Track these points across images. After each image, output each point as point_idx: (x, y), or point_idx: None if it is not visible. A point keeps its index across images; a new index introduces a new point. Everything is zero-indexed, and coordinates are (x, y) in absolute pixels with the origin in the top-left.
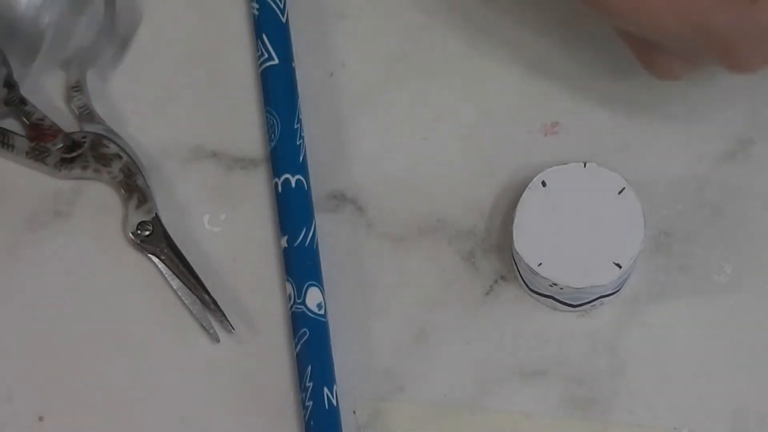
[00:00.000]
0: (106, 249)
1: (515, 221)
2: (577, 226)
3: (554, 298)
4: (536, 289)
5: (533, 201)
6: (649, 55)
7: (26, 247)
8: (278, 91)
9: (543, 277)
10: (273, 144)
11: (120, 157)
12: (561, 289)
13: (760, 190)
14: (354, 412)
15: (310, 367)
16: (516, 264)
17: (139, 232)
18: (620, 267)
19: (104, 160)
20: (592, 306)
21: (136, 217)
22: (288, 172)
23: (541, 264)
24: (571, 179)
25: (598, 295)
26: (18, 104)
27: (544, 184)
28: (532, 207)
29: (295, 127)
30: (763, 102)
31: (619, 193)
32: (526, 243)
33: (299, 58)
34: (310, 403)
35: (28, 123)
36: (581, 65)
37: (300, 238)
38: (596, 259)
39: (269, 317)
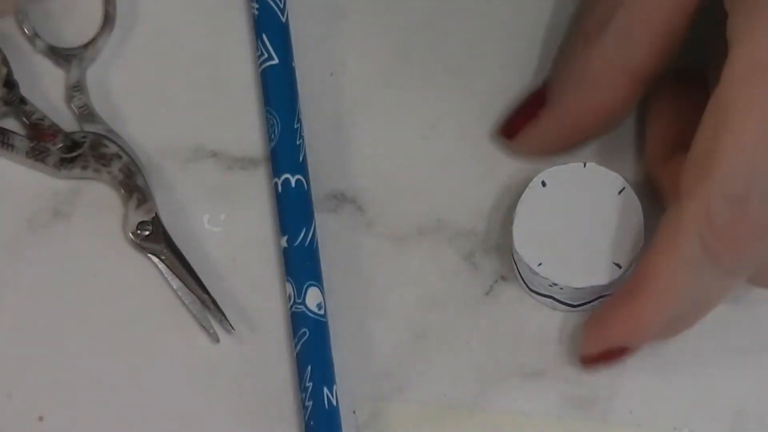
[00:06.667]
0: (106, 249)
1: (515, 221)
2: (577, 226)
3: (554, 298)
4: (536, 289)
5: (533, 201)
6: None
7: (26, 247)
8: (278, 91)
9: (543, 277)
10: (273, 144)
11: (120, 157)
12: (561, 289)
13: None
14: (354, 412)
15: (310, 367)
16: (516, 264)
17: (139, 232)
18: (620, 267)
19: (104, 160)
20: (592, 306)
21: (136, 217)
22: (288, 172)
23: (541, 264)
24: (571, 179)
25: (598, 295)
26: (18, 104)
27: (544, 184)
28: (532, 207)
29: (295, 127)
30: None
31: (619, 192)
32: (526, 243)
33: (299, 58)
34: (310, 403)
35: (28, 123)
36: None
37: (300, 238)
38: (596, 259)
39: (269, 317)
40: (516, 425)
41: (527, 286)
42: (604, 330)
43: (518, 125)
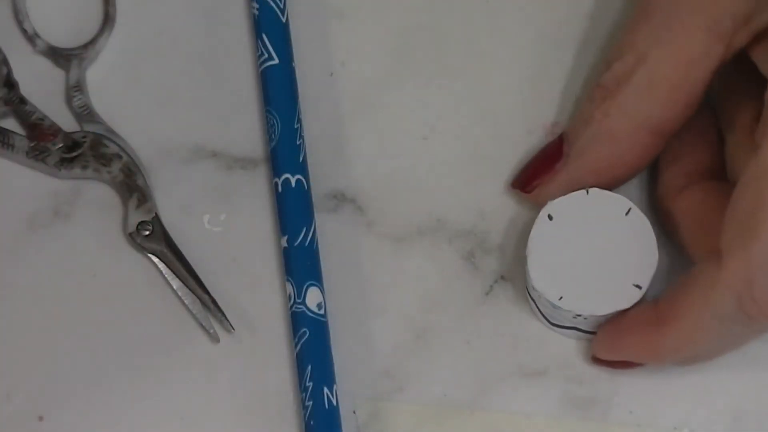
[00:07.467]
0: (106, 249)
1: (529, 259)
2: (590, 253)
3: (578, 329)
4: (558, 323)
5: (543, 235)
6: None
7: (26, 247)
8: (278, 91)
9: (566, 309)
10: (273, 144)
11: (120, 157)
12: (585, 318)
13: None
14: (354, 412)
15: (310, 367)
16: (534, 301)
17: (139, 232)
18: (641, 288)
19: (104, 159)
20: None
21: (136, 217)
22: (288, 172)
23: (562, 297)
24: (576, 208)
25: None
26: (18, 104)
27: (550, 217)
28: (543, 241)
29: (295, 127)
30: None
31: (626, 214)
32: (543, 278)
33: (299, 58)
34: (310, 402)
35: (28, 123)
36: (582, 65)
37: (300, 238)
38: (616, 284)
39: (269, 317)
40: (516, 425)
41: (548, 321)
42: (621, 345)
43: (535, 179)
